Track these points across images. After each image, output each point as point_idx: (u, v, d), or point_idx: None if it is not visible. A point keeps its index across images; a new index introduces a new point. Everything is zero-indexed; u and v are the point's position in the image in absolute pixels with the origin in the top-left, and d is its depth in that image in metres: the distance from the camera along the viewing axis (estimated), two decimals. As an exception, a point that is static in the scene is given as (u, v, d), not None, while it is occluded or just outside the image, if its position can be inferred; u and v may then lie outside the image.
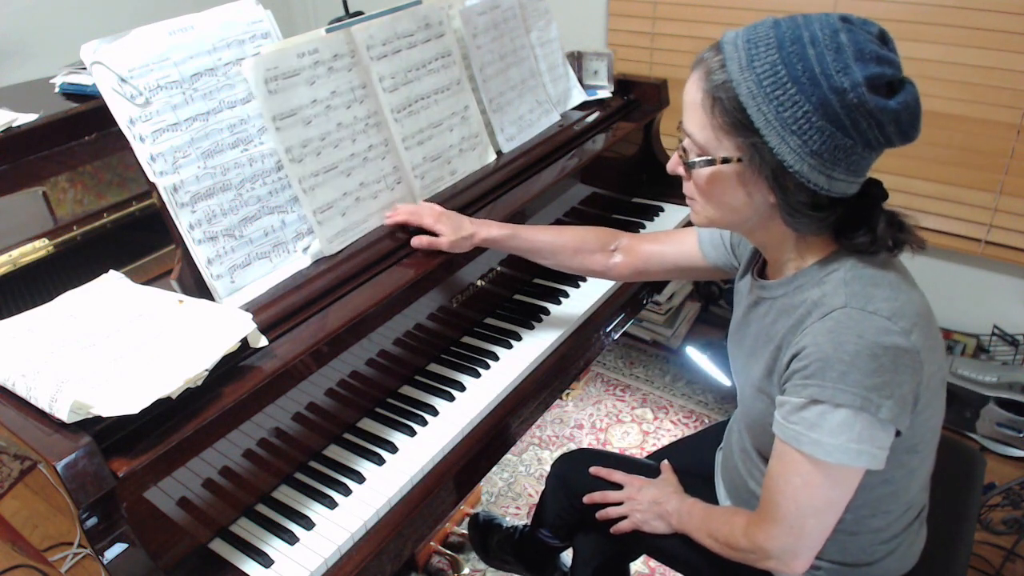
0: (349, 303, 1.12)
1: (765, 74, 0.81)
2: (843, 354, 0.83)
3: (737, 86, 0.82)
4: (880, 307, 0.84)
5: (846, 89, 0.78)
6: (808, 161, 0.82)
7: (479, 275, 1.39)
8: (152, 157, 1.01)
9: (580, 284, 1.53)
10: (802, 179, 0.83)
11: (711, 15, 2.18)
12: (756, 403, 0.99)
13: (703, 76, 0.86)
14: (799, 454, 0.87)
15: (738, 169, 0.87)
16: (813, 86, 0.79)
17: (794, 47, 0.80)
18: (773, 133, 0.82)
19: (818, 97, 0.79)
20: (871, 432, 0.84)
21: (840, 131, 0.80)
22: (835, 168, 0.83)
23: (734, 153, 0.86)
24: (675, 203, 1.83)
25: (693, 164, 0.90)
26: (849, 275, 0.88)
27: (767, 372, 0.95)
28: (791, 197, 0.85)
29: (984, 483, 1.39)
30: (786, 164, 0.82)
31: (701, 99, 0.87)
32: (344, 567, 0.99)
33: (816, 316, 0.87)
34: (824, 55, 0.79)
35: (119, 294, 1.05)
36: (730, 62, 0.83)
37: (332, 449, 1.15)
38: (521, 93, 1.59)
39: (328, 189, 1.19)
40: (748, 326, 1.04)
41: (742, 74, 0.82)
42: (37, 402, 0.84)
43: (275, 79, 1.11)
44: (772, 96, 0.81)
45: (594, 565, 1.35)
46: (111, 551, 0.84)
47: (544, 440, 2.24)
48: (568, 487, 1.35)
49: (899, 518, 1.01)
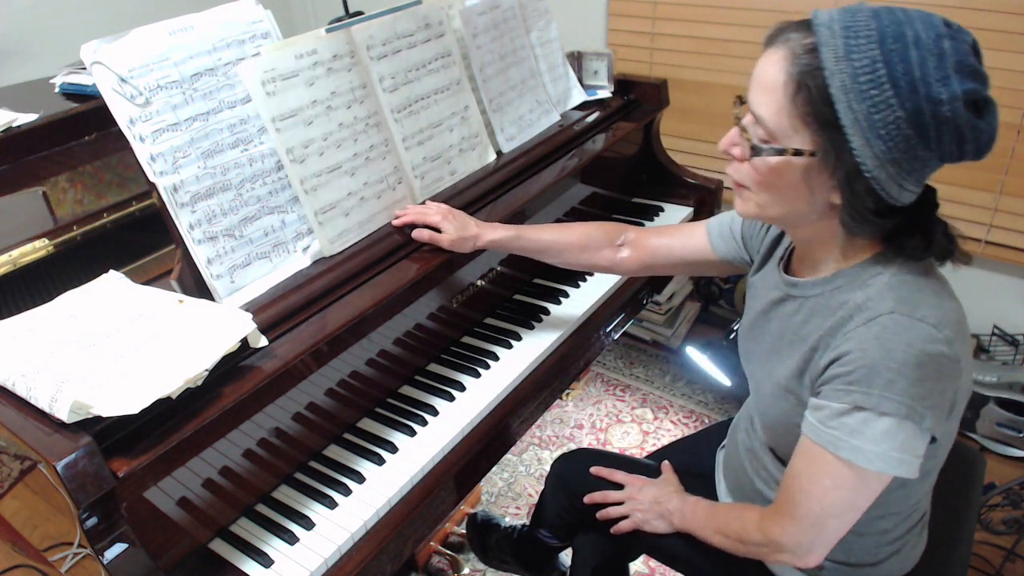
0: (349, 303, 1.12)
1: (863, 69, 0.75)
2: (891, 362, 0.80)
3: (830, 77, 0.76)
4: (926, 314, 0.81)
5: (943, 100, 0.73)
6: (887, 168, 0.78)
7: (479, 275, 1.39)
8: (152, 157, 1.01)
9: (580, 284, 1.53)
10: (876, 185, 0.79)
11: (711, 15, 2.18)
12: (779, 403, 0.96)
13: (788, 57, 0.79)
14: (835, 458, 0.85)
15: (808, 164, 0.82)
16: (911, 91, 0.74)
17: (897, 45, 0.75)
18: (859, 134, 0.77)
19: (913, 104, 0.74)
20: (913, 441, 0.82)
21: (923, 142, 0.76)
22: (908, 178, 0.79)
23: (809, 146, 0.81)
24: (675, 203, 1.83)
25: (760, 151, 0.84)
26: (895, 280, 0.84)
27: (797, 373, 0.92)
28: (858, 201, 0.81)
29: (984, 483, 1.40)
30: (864, 168, 0.78)
31: (784, 82, 0.79)
32: (344, 567, 0.99)
33: (860, 320, 0.84)
34: (927, 60, 0.74)
35: (119, 294, 1.05)
36: (824, 48, 0.77)
37: (332, 449, 1.15)
38: (521, 93, 1.59)
39: (331, 189, 1.19)
40: (768, 323, 1.01)
41: (837, 64, 0.76)
42: (37, 402, 0.84)
43: (273, 81, 1.11)
44: (867, 95, 0.75)
45: (593, 565, 1.35)
46: (111, 551, 0.84)
47: (544, 440, 2.24)
48: (568, 487, 1.35)
49: (905, 520, 1.01)
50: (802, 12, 2.00)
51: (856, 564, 1.02)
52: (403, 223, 1.26)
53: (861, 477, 0.85)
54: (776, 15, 2.04)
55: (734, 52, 2.17)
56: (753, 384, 1.07)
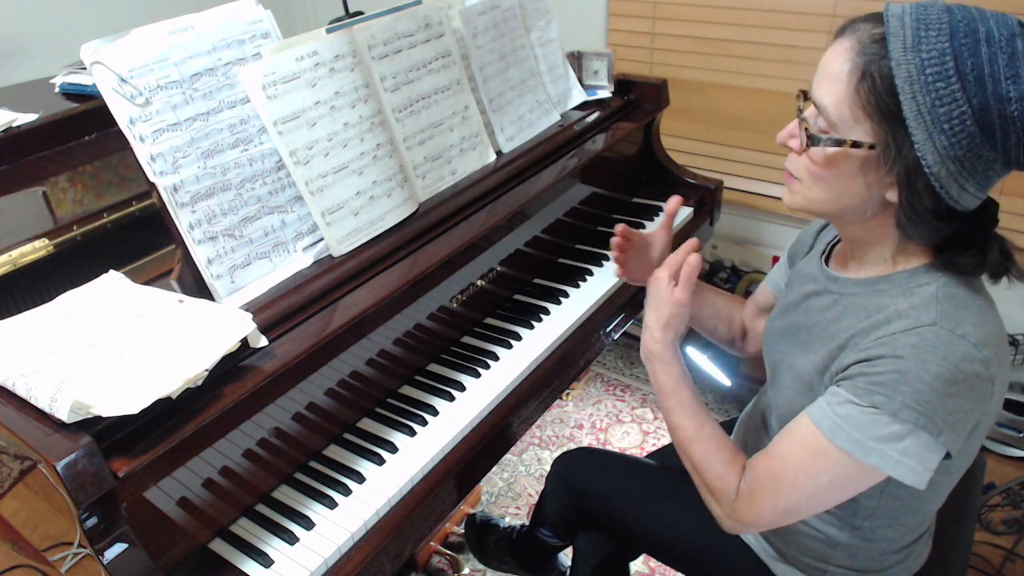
0: (349, 303, 1.12)
1: (931, 61, 0.74)
2: (923, 373, 0.78)
3: (896, 67, 0.75)
4: (968, 332, 0.80)
5: (1011, 99, 0.73)
6: (948, 166, 0.76)
7: (479, 275, 1.39)
8: (152, 157, 1.01)
9: (580, 284, 1.53)
10: (936, 183, 0.77)
11: (711, 15, 2.18)
12: (800, 398, 0.94)
13: (855, 47, 0.79)
14: (832, 448, 0.82)
15: (867, 156, 0.80)
16: (978, 86, 0.73)
17: (967, 40, 0.74)
18: (921, 127, 0.75)
19: (980, 100, 0.73)
20: (923, 451, 0.80)
21: (988, 141, 0.75)
22: (970, 179, 0.77)
23: (868, 138, 0.79)
24: (675, 203, 1.82)
25: (818, 140, 0.83)
26: (942, 292, 0.83)
27: (820, 369, 0.91)
28: (916, 200, 0.80)
29: (984, 483, 1.39)
30: (925, 164, 0.76)
31: (848, 71, 0.79)
32: (344, 567, 0.99)
33: (899, 327, 0.82)
34: (997, 57, 0.73)
35: (119, 294, 1.05)
36: (893, 39, 0.76)
37: (332, 449, 1.15)
38: (521, 93, 1.58)
39: (338, 189, 1.19)
40: (797, 313, 1.00)
41: (905, 55, 0.75)
42: (37, 402, 0.84)
43: (273, 84, 1.11)
44: (932, 87, 0.74)
45: (594, 564, 1.35)
46: (111, 551, 0.84)
47: (544, 440, 2.24)
48: (568, 486, 1.35)
49: (913, 530, 1.00)
50: (802, 12, 2.01)
51: (861, 570, 1.02)
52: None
53: (854, 471, 0.82)
54: (776, 15, 2.04)
55: (734, 52, 2.17)
56: (772, 375, 1.05)
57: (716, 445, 0.97)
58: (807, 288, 1.00)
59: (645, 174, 1.91)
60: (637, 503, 1.25)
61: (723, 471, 0.95)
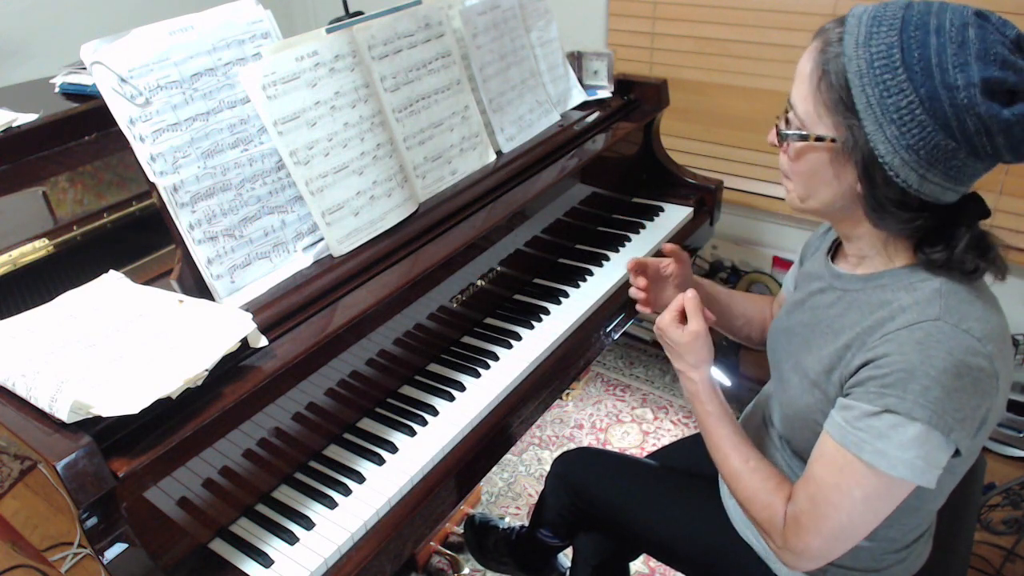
0: (349, 303, 1.12)
1: (879, 54, 0.77)
2: (930, 368, 0.78)
3: (848, 62, 0.79)
4: (972, 326, 0.80)
5: (958, 87, 0.74)
6: (902, 155, 0.78)
7: (479, 275, 1.39)
8: (152, 157, 1.01)
9: (580, 284, 1.53)
10: (891, 173, 0.79)
11: (711, 15, 2.18)
12: (806, 396, 0.94)
13: (819, 47, 0.83)
14: (859, 463, 0.83)
15: (832, 150, 0.84)
16: (925, 76, 0.75)
17: (917, 32, 0.76)
18: (871, 118, 0.78)
19: (927, 89, 0.75)
20: (936, 452, 0.81)
21: (943, 130, 0.76)
22: (931, 169, 0.78)
23: (830, 132, 0.83)
24: (675, 203, 1.83)
25: (785, 136, 0.87)
26: (945, 287, 0.83)
27: (827, 369, 0.91)
28: (878, 191, 0.82)
29: (984, 483, 1.39)
30: (878, 154, 0.79)
31: (811, 70, 0.83)
32: (344, 567, 0.99)
33: (902, 323, 0.82)
34: (945, 47, 0.74)
35: (119, 294, 1.05)
36: (848, 36, 0.79)
37: (332, 449, 1.15)
38: (521, 93, 1.58)
39: (339, 189, 1.19)
40: (803, 312, 1.00)
41: (856, 50, 0.78)
42: (37, 402, 0.84)
43: (273, 85, 1.11)
44: (879, 79, 0.77)
45: (594, 564, 1.35)
46: (111, 551, 0.84)
47: (544, 440, 2.24)
48: (568, 486, 1.35)
49: (914, 530, 1.00)
50: (802, 11, 2.01)
51: (861, 569, 1.02)
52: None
53: (886, 484, 0.83)
54: (776, 15, 2.04)
55: (734, 52, 2.17)
56: (777, 374, 1.05)
57: (761, 477, 0.97)
58: (813, 286, 1.01)
59: (645, 174, 1.91)
60: (637, 503, 1.25)
61: (769, 500, 0.95)
